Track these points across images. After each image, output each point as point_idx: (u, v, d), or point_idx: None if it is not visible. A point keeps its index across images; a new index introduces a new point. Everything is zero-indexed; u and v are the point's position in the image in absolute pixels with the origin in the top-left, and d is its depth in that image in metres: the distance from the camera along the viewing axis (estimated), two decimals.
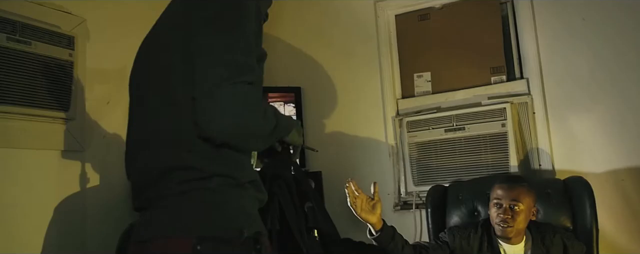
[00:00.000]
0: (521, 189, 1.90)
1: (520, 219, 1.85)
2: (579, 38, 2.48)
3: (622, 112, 2.36)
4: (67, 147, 2.14)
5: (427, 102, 2.80)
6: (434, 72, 2.83)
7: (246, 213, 1.10)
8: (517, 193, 1.88)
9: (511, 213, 1.85)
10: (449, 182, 2.50)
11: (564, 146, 2.46)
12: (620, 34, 2.39)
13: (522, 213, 1.86)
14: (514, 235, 1.88)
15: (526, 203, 1.87)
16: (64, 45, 2.07)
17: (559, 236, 1.90)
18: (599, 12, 2.44)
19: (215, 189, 1.05)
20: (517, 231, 1.87)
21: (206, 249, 0.98)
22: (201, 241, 0.99)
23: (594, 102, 2.42)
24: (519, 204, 1.86)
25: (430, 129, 2.67)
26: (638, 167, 2.30)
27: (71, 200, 2.15)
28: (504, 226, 1.86)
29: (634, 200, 2.29)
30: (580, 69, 2.46)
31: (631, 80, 2.35)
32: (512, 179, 2.00)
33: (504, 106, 2.51)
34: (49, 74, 2.01)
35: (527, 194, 1.90)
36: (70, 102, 2.09)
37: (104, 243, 2.07)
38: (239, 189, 1.09)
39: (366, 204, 1.84)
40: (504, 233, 1.88)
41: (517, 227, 1.86)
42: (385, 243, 1.84)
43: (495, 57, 2.66)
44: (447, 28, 2.82)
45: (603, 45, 2.42)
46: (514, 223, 1.84)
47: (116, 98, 2.40)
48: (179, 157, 1.06)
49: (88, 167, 2.25)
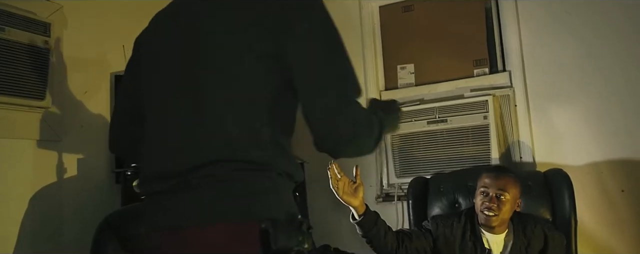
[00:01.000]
0: (508, 179, 1.92)
1: (505, 209, 1.87)
2: (561, 32, 2.49)
3: (602, 106, 2.38)
4: (43, 137, 2.09)
5: (410, 94, 2.80)
6: (418, 64, 2.83)
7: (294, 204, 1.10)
8: (504, 183, 1.90)
9: (497, 201, 1.87)
10: (431, 174, 2.50)
11: (545, 138, 2.48)
12: (602, 28, 2.41)
13: (508, 202, 1.87)
14: (498, 224, 1.89)
15: (512, 193, 1.89)
16: (39, 32, 2.02)
17: (539, 226, 1.91)
18: (582, 6, 2.45)
19: (274, 179, 1.05)
20: (501, 221, 1.88)
21: (270, 230, 0.97)
22: (265, 224, 0.97)
23: (574, 96, 2.44)
24: (505, 193, 1.87)
25: (412, 121, 2.67)
26: (617, 160, 2.33)
27: (47, 191, 2.11)
28: (489, 214, 1.87)
29: (612, 192, 2.32)
30: (562, 63, 2.48)
31: (611, 74, 2.37)
32: (500, 169, 2.02)
33: (486, 98, 2.52)
34: (24, 61, 1.96)
35: (514, 185, 1.92)
36: (46, 90, 2.04)
37: (81, 235, 2.03)
38: (291, 185, 1.12)
39: (348, 187, 1.84)
40: (488, 222, 1.88)
41: (502, 216, 1.87)
42: (368, 227, 1.84)
43: (479, 50, 2.67)
44: (431, 20, 2.81)
45: (585, 39, 2.44)
46: (499, 212, 1.86)
47: (95, 87, 2.35)
48: (239, 148, 1.02)
49: (65, 158, 2.21)
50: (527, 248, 1.86)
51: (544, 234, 1.90)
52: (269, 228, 0.96)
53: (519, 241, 1.87)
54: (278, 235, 0.96)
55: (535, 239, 1.88)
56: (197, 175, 1.01)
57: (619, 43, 2.37)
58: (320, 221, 2.75)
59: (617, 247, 2.28)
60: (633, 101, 2.32)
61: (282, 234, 0.97)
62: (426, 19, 2.82)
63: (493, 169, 2.01)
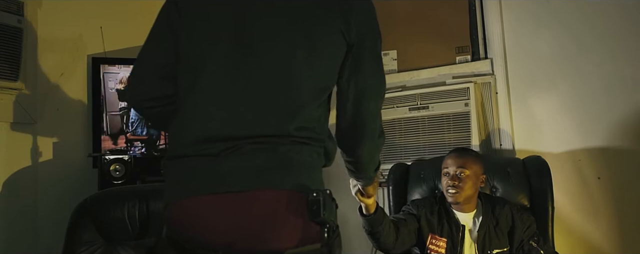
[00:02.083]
0: (468, 158, 1.97)
1: (467, 186, 1.92)
2: (543, 20, 2.50)
3: (581, 94, 2.40)
4: (17, 119, 2.05)
5: (392, 81, 2.79)
6: (400, 50, 2.82)
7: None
8: (463, 161, 1.95)
9: (458, 179, 1.92)
10: (412, 160, 2.51)
11: (525, 126, 2.50)
12: (583, 18, 2.42)
13: (469, 179, 1.92)
14: (463, 201, 1.94)
15: (473, 169, 1.94)
16: (12, 11, 1.97)
17: (508, 207, 1.96)
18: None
19: (319, 156, 1.15)
20: (466, 198, 1.93)
21: (320, 200, 1.03)
22: (314, 194, 1.04)
23: (554, 84, 2.46)
24: (464, 170, 1.93)
25: (394, 107, 2.67)
26: (594, 148, 2.36)
27: (22, 174, 2.07)
28: (452, 191, 1.92)
29: (589, 180, 2.35)
30: (543, 51, 2.49)
31: (591, 63, 2.39)
32: (460, 150, 2.07)
33: (468, 85, 2.52)
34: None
35: (474, 162, 1.97)
36: (19, 71, 1.98)
37: (57, 219, 2.00)
38: (323, 164, 1.20)
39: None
40: (453, 199, 1.94)
41: (465, 193, 1.92)
42: (377, 224, 1.85)
43: (461, 37, 2.66)
44: (414, 7, 2.79)
45: (566, 28, 2.45)
46: (461, 190, 1.91)
47: (71, 69, 2.30)
48: (293, 123, 1.08)
49: (40, 141, 2.16)
50: (495, 227, 1.90)
51: (511, 214, 1.94)
52: (319, 198, 1.02)
53: (487, 219, 1.92)
54: (325, 206, 1.02)
55: (503, 219, 1.92)
56: (249, 142, 1.05)
57: (600, 32, 2.38)
58: None
59: (592, 233, 2.33)
60: (611, 90, 2.35)
61: (328, 206, 1.03)
62: (409, 5, 2.80)
63: (454, 150, 2.06)
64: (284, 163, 1.06)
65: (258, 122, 1.06)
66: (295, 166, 1.07)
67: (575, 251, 2.30)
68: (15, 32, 1.96)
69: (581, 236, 2.34)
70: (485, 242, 1.87)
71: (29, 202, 2.09)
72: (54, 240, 1.90)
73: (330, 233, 1.05)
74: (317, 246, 1.03)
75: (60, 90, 2.26)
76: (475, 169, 1.95)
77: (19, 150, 2.08)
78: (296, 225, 1.03)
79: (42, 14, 2.14)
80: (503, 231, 1.90)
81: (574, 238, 2.34)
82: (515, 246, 1.89)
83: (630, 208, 2.27)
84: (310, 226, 1.03)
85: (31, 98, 2.11)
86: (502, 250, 1.87)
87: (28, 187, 2.09)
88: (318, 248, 1.03)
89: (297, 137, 1.08)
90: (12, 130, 2.04)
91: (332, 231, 1.06)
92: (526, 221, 1.93)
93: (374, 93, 1.21)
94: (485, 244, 1.87)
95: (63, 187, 2.18)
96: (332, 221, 1.05)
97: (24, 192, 2.07)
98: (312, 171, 1.11)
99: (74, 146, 2.29)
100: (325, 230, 1.04)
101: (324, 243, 1.04)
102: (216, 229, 1.02)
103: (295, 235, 1.02)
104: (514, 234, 1.90)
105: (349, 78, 1.17)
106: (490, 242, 1.87)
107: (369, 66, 1.19)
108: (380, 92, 1.24)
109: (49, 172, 2.16)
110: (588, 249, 2.32)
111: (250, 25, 1.12)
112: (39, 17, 2.13)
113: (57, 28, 2.22)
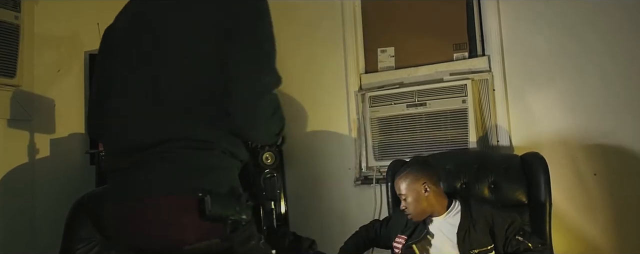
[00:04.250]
0: (399, 181, 2.00)
1: (413, 207, 1.95)
2: (540, 17, 2.50)
3: (578, 91, 2.41)
4: (14, 116, 2.04)
5: (390, 78, 2.79)
6: (398, 47, 2.82)
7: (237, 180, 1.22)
8: (398, 187, 1.99)
9: (405, 204, 1.97)
10: (409, 157, 2.51)
11: (522, 122, 2.51)
12: (580, 15, 2.42)
13: (412, 201, 1.95)
14: (423, 215, 1.97)
15: (409, 191, 1.96)
16: (9, 7, 1.96)
17: (487, 206, 1.98)
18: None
19: (219, 157, 1.16)
20: (417, 214, 1.96)
21: (206, 199, 1.07)
22: (206, 194, 1.08)
23: (551, 81, 2.47)
24: (404, 197, 1.97)
25: (392, 104, 2.67)
26: (591, 145, 2.37)
27: (19, 172, 2.06)
28: (408, 215, 1.98)
29: (586, 176, 2.36)
30: (540, 48, 2.49)
31: (588, 60, 2.40)
32: (397, 174, 2.06)
33: (465, 82, 2.53)
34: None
35: (409, 183, 1.97)
36: (16, 68, 1.98)
37: (54, 215, 2.00)
38: (237, 163, 1.22)
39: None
40: (413, 219, 1.98)
41: (415, 212, 1.96)
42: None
43: (458, 34, 2.67)
44: (411, 3, 2.79)
45: (563, 26, 2.45)
46: (412, 212, 1.96)
47: (68, 65, 2.29)
48: (188, 128, 1.13)
49: (37, 138, 2.15)
50: (474, 226, 1.90)
51: (491, 213, 1.94)
52: (205, 198, 1.06)
53: (466, 220, 1.92)
54: (213, 204, 1.06)
55: (482, 219, 1.92)
56: (151, 153, 1.12)
57: (597, 29, 2.39)
58: (298, 203, 2.76)
59: (589, 229, 2.34)
60: (608, 87, 2.36)
61: (217, 203, 1.07)
62: (407, 2, 2.80)
63: (396, 174, 2.09)
64: (181, 171, 1.12)
65: (156, 134, 1.13)
66: (193, 172, 1.13)
67: (573, 247, 2.31)
68: (12, 28, 1.95)
69: (578, 232, 2.35)
70: (466, 242, 1.88)
71: (26, 199, 2.08)
72: (51, 237, 1.89)
73: (232, 228, 1.10)
74: (217, 241, 1.09)
75: (57, 86, 2.25)
76: (412, 189, 1.96)
77: (15, 147, 2.07)
78: (192, 224, 1.08)
79: (38, 11, 2.13)
80: (484, 230, 1.90)
81: (571, 234, 2.34)
82: (501, 244, 1.88)
83: (627, 204, 2.29)
84: (211, 224, 1.08)
85: (28, 95, 2.10)
86: (485, 248, 1.87)
87: (25, 185, 2.08)
88: (218, 243, 1.09)
89: (196, 142, 1.13)
90: (9, 127, 2.03)
91: (237, 226, 1.10)
92: (508, 219, 1.92)
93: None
94: (466, 244, 1.88)
95: (60, 184, 2.18)
96: (234, 218, 1.10)
97: (21, 189, 2.07)
98: (212, 172, 1.14)
99: (71, 143, 2.28)
100: (228, 225, 1.09)
101: (224, 238, 1.09)
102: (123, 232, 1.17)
103: (192, 233, 1.08)
104: (495, 233, 1.90)
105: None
106: (471, 242, 1.88)
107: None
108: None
109: (46, 169, 2.15)
110: (585, 244, 2.33)
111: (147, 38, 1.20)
112: (35, 14, 2.12)
113: (54, 25, 2.21)
